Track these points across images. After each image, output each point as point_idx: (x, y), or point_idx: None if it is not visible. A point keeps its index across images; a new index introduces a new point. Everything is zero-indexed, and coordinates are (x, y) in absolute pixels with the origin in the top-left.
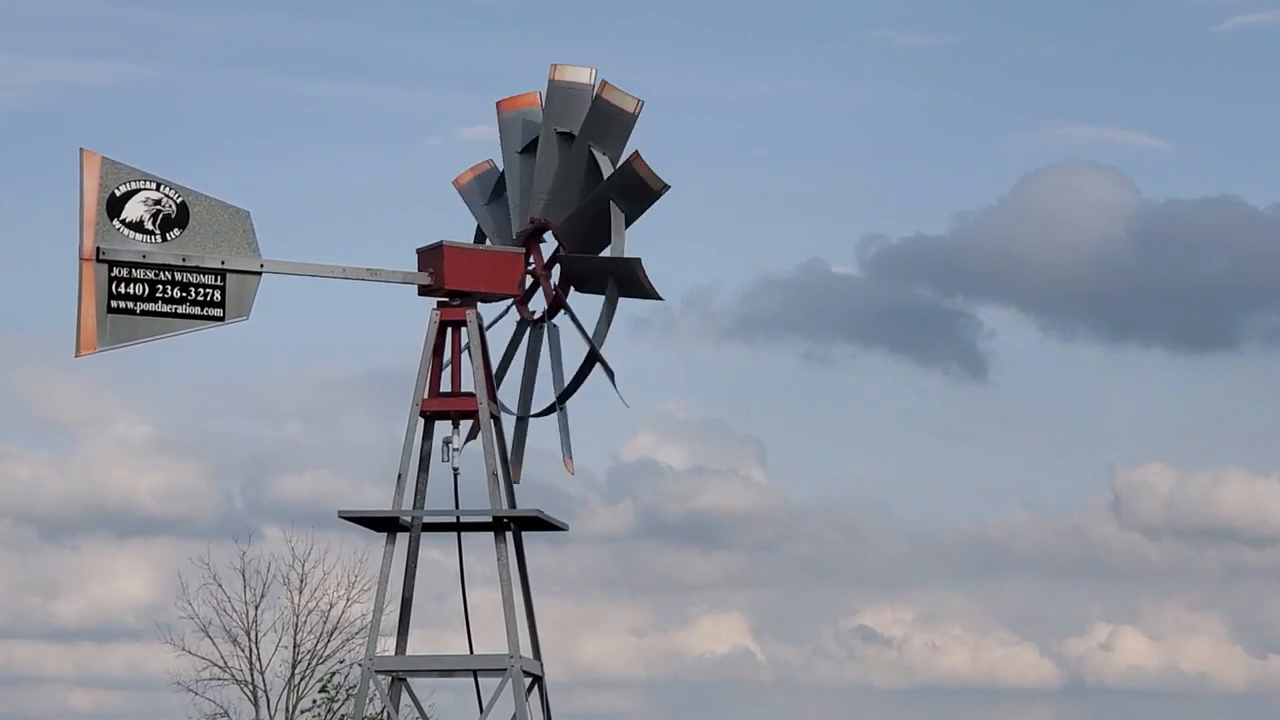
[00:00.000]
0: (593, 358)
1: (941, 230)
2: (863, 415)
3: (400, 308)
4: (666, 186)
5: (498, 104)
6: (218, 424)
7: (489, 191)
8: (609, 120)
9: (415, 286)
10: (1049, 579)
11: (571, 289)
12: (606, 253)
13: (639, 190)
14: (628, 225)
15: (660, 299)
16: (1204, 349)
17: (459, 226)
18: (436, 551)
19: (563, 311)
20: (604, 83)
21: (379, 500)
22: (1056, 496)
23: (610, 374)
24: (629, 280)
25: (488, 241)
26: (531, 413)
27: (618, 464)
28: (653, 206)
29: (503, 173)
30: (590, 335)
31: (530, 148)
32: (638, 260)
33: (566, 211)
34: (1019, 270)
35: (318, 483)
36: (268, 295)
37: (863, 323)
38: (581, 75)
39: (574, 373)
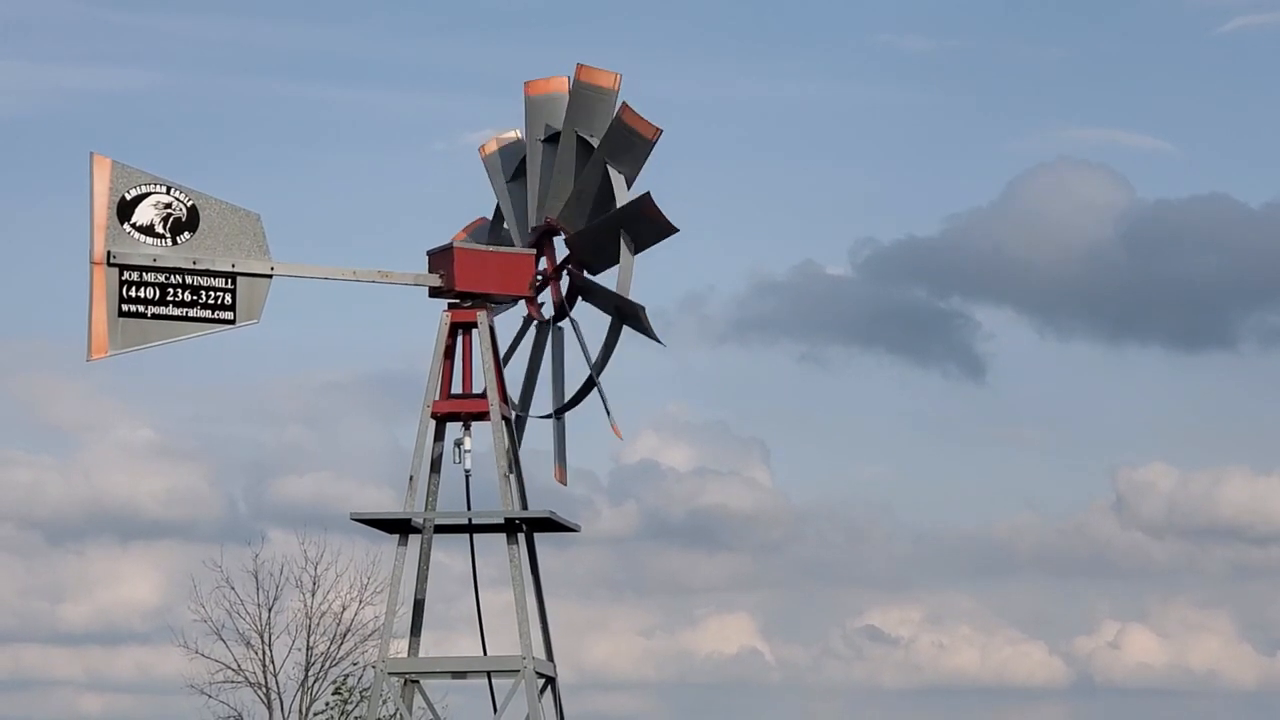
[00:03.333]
0: (619, 315)
1: (934, 231)
2: (863, 417)
3: (411, 310)
4: (675, 229)
5: (525, 85)
6: (223, 428)
7: (512, 167)
8: (628, 142)
9: (426, 288)
10: (1055, 579)
11: (578, 299)
12: (614, 285)
13: (648, 226)
14: (637, 251)
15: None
16: (1201, 348)
17: (479, 203)
18: (441, 554)
19: (580, 299)
20: (625, 105)
21: (381, 502)
22: (1059, 497)
23: (606, 407)
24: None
25: (505, 222)
26: (531, 414)
27: (620, 466)
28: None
29: (524, 158)
30: (591, 360)
31: (553, 139)
32: (642, 308)
33: (579, 222)
34: (1015, 271)
35: (320, 485)
36: (277, 298)
37: (860, 325)
38: (606, 79)
39: (575, 384)
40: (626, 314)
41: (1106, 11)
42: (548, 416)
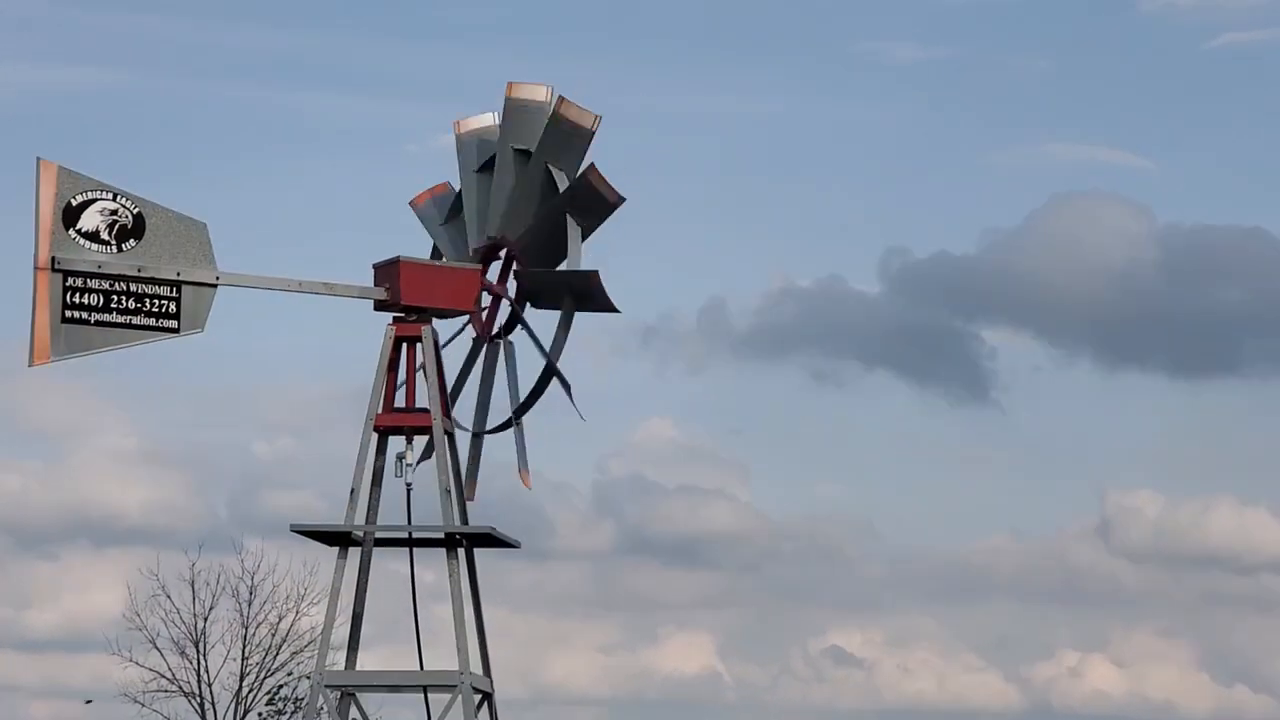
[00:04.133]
0: (549, 372)
1: (935, 251)
2: (854, 436)
3: (357, 323)
4: (622, 199)
5: (454, 123)
6: (190, 435)
7: (445, 212)
8: (566, 137)
9: (371, 301)
10: (1023, 604)
11: (528, 305)
12: (563, 267)
13: (595, 203)
14: (585, 238)
15: (617, 310)
16: (1206, 374)
17: (419, 242)
18: (401, 565)
19: (520, 327)
20: (561, 99)
21: (330, 515)
22: (1045, 520)
23: (567, 386)
24: (585, 293)
25: (444, 259)
26: (488, 429)
27: (602, 479)
28: (667, 220)
29: (459, 193)
30: (547, 350)
31: (487, 166)
32: (595, 273)
33: (524, 228)
34: (1020, 293)
35: (264, 495)
36: (241, 308)
37: (856, 343)
38: (538, 93)
39: (531, 388)
40: (579, 290)
41: (1094, 25)
42: (506, 424)
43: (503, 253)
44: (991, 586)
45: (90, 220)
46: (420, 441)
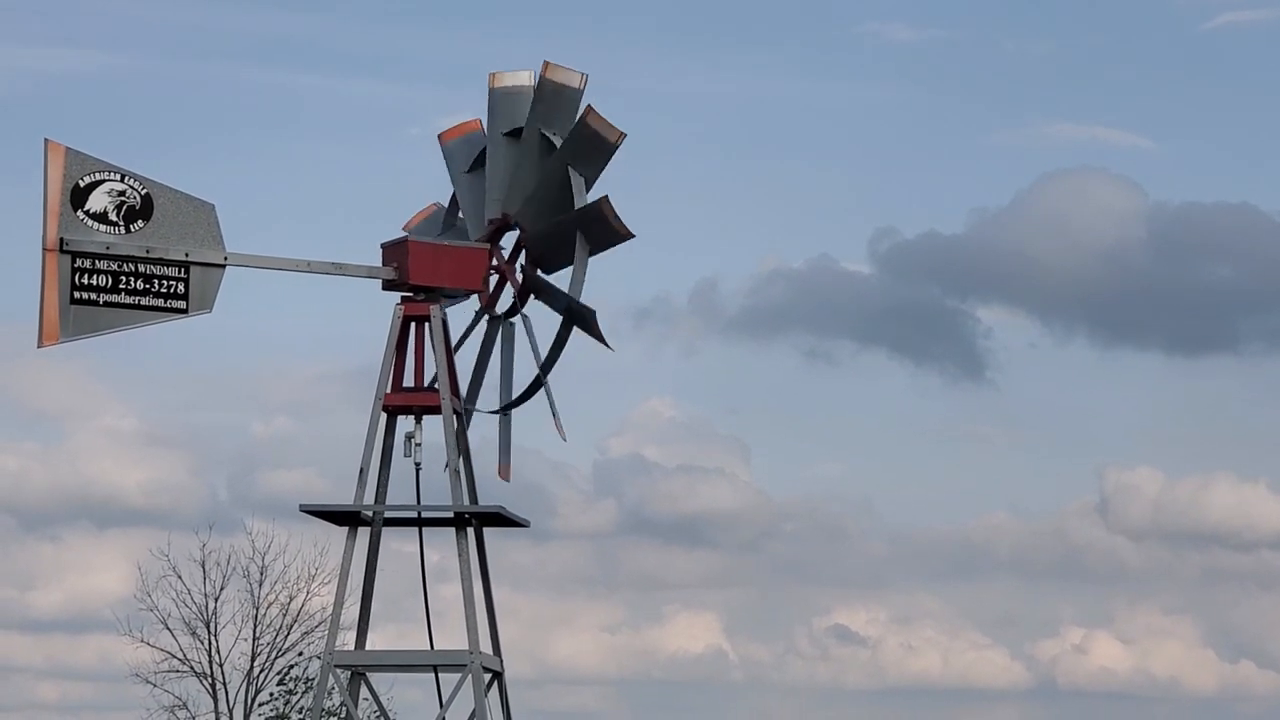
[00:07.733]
0: (570, 313)
1: (929, 229)
2: (853, 415)
3: (365, 302)
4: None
5: (490, 75)
6: (193, 417)
7: (472, 157)
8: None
9: (380, 281)
10: (1027, 582)
11: (531, 297)
12: (567, 285)
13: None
14: (589, 188)
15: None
16: (1202, 353)
17: (440, 192)
18: (409, 546)
19: (532, 296)
20: (589, 108)
21: (336, 495)
22: (1044, 498)
23: (591, 315)
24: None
25: (460, 213)
26: (478, 408)
27: (604, 459)
28: (658, 203)
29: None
30: (541, 359)
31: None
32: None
33: (536, 221)
34: (1013, 271)
35: (270, 476)
36: (249, 288)
37: (854, 322)
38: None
39: (523, 381)
40: (577, 316)
41: (1091, 5)
42: (494, 413)
43: (511, 232)
44: (994, 564)
45: (98, 201)
46: (427, 421)
